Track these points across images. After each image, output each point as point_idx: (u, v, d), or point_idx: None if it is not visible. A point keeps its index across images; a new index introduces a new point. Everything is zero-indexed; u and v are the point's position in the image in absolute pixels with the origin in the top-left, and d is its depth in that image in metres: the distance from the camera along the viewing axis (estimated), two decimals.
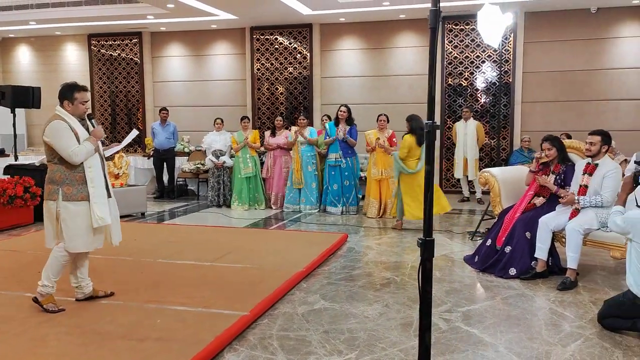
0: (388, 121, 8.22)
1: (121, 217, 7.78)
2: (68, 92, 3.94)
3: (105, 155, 4.26)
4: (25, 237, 6.68)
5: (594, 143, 4.72)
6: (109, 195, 4.07)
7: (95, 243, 4.04)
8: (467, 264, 5.40)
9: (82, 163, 3.90)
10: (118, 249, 5.80)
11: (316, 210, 8.52)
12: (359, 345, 3.45)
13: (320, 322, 3.84)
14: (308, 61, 10.85)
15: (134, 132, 4.61)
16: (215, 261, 5.36)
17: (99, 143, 4.06)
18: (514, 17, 6.83)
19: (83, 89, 3.99)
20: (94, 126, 4.06)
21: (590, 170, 4.77)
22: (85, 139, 3.93)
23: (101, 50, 11.96)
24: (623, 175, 4.94)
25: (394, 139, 8.12)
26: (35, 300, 3.98)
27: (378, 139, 8.02)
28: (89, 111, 4.09)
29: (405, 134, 7.19)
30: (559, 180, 5.03)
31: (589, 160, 4.81)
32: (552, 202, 5.03)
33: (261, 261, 5.37)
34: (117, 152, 4.51)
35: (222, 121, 9.34)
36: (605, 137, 4.74)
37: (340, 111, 8.31)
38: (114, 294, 4.29)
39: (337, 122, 8.40)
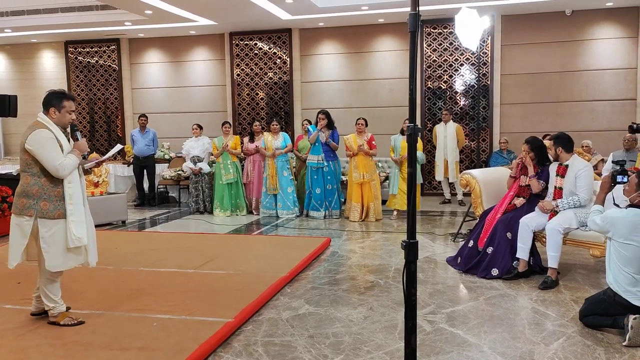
0: (367, 125, 8.24)
1: (102, 225, 7.79)
2: (56, 99, 3.72)
3: (85, 167, 4.04)
4: (4, 248, 6.55)
5: (549, 148, 4.96)
6: (86, 214, 3.85)
7: (76, 260, 3.80)
8: (449, 265, 5.43)
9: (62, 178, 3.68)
10: (99, 257, 5.71)
11: (294, 215, 8.49)
12: (345, 349, 3.45)
13: (305, 327, 3.83)
14: (288, 66, 10.85)
15: (118, 146, 4.46)
16: (198, 268, 5.31)
17: (81, 157, 3.86)
18: (491, 20, 6.91)
19: (72, 97, 3.81)
20: (78, 138, 3.85)
21: (561, 172, 4.86)
22: (70, 151, 3.73)
23: (78, 58, 11.82)
24: (595, 169, 5.04)
25: (373, 142, 8.15)
26: (53, 323, 3.82)
27: (361, 145, 8.04)
28: (74, 122, 3.88)
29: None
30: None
31: (560, 162, 4.91)
32: (533, 202, 5.10)
33: (244, 267, 5.34)
34: (98, 165, 4.32)
35: (199, 127, 9.30)
36: (558, 140, 4.87)
37: (319, 119, 8.26)
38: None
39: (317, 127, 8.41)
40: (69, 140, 3.82)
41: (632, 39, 9.35)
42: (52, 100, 3.73)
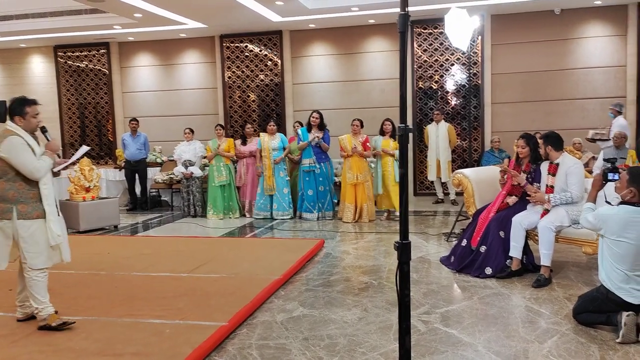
0: (362, 126, 8.25)
1: (94, 230, 7.75)
2: (18, 107, 3.85)
3: (53, 170, 4.10)
4: None
5: (539, 146, 5.02)
6: (58, 213, 3.96)
7: (54, 258, 3.93)
8: (443, 265, 5.44)
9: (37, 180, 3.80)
10: (91, 263, 5.72)
11: (289, 216, 8.49)
12: (339, 351, 3.44)
13: (299, 330, 3.81)
14: (279, 68, 10.83)
15: (84, 148, 4.51)
16: (191, 272, 5.29)
17: (55, 156, 3.97)
18: (480, 20, 6.93)
19: (33, 102, 3.90)
20: (48, 139, 3.97)
21: (552, 170, 4.88)
22: (42, 153, 3.85)
23: (68, 62, 11.75)
24: (586, 167, 5.07)
25: (367, 144, 8.16)
26: (43, 327, 3.83)
27: (355, 147, 8.05)
28: (42, 124, 3.98)
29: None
30: (529, 179, 5.12)
31: (551, 160, 4.93)
32: (525, 201, 5.11)
33: (238, 270, 5.32)
34: (65, 168, 4.33)
35: (191, 131, 9.27)
36: (548, 139, 4.90)
37: (313, 117, 8.36)
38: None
39: (309, 128, 8.42)
40: (39, 144, 3.92)
41: (621, 37, 9.41)
42: (15, 109, 3.86)
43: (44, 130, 4.01)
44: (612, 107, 8.33)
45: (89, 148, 4.75)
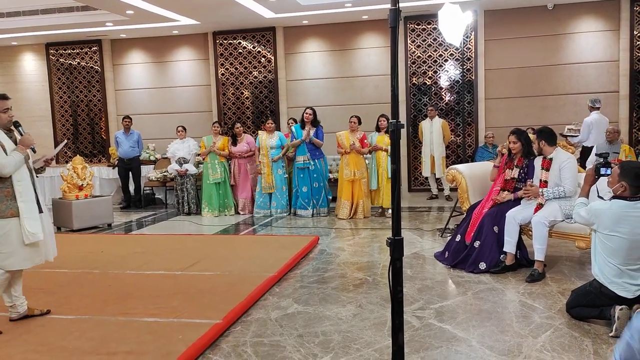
0: (360, 123, 8.25)
1: (87, 229, 7.71)
2: None
3: (35, 167, 4.03)
4: None
5: (532, 141, 5.07)
6: (40, 210, 3.88)
7: (34, 260, 3.85)
8: (437, 260, 5.45)
9: (10, 177, 3.71)
10: (85, 261, 5.70)
11: (287, 214, 8.50)
12: (334, 347, 3.44)
13: (294, 326, 3.81)
14: (273, 65, 10.80)
15: (63, 142, 4.48)
16: (185, 270, 5.28)
17: (29, 151, 3.90)
18: (473, 16, 6.93)
19: (3, 97, 3.84)
20: (21, 134, 3.91)
21: (546, 165, 4.89)
22: (13, 149, 3.77)
23: (60, 60, 11.68)
24: (579, 162, 5.09)
25: (365, 140, 8.17)
26: (15, 319, 3.94)
27: (353, 144, 8.05)
28: (14, 118, 3.92)
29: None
30: (522, 174, 5.13)
31: (544, 155, 4.95)
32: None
33: (232, 267, 5.31)
34: (48, 164, 4.20)
35: (184, 128, 9.24)
36: (541, 134, 4.92)
37: (306, 113, 8.36)
38: (50, 311, 4.08)
39: (303, 125, 8.41)
40: (15, 141, 3.85)
41: (614, 32, 9.43)
42: None
43: (16, 125, 3.95)
44: (588, 102, 8.31)
45: (66, 141, 4.74)
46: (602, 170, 3.94)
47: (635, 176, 3.51)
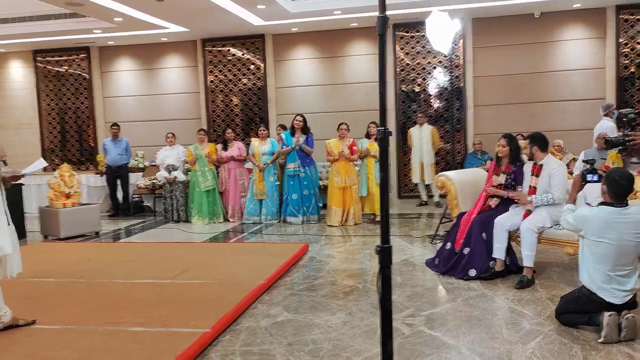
0: (349, 130, 8.26)
1: (74, 237, 7.63)
2: None
3: (5, 177, 3.92)
4: None
5: (524, 147, 5.12)
6: (8, 223, 3.79)
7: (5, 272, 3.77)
8: (429, 267, 5.44)
9: None
10: (71, 270, 5.63)
11: (277, 221, 8.47)
12: (324, 355, 3.42)
13: (283, 335, 3.79)
14: (262, 72, 10.80)
15: (41, 162, 4.34)
16: (174, 278, 5.23)
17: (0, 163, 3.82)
18: (462, 24, 6.97)
19: None
20: None
21: (536, 171, 4.92)
22: None
23: (47, 67, 11.60)
24: (568, 168, 5.13)
25: (354, 147, 8.18)
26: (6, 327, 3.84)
27: (342, 151, 8.06)
28: None
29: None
30: (509, 180, 5.16)
31: (535, 161, 4.97)
32: (507, 202, 5.14)
33: (221, 275, 5.27)
34: (16, 179, 4.05)
35: (173, 135, 9.20)
36: (534, 140, 4.94)
37: (296, 121, 8.35)
38: (35, 321, 4.01)
39: (293, 132, 8.40)
40: None
41: (600, 40, 9.53)
42: None
43: None
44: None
45: (45, 164, 4.64)
46: (589, 177, 3.97)
47: (612, 181, 3.55)
